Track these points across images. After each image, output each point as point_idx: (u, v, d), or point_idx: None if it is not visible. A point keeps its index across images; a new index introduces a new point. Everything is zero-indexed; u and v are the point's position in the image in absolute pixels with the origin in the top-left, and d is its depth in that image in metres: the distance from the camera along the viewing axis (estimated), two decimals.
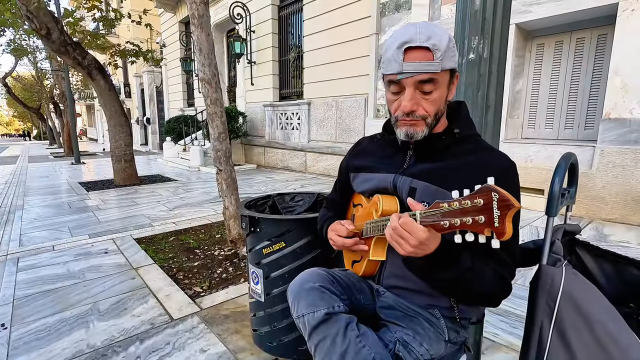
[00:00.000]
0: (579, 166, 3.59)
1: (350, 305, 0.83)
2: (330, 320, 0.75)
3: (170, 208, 4.38)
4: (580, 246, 1.04)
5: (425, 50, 0.73)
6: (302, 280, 0.82)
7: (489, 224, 0.55)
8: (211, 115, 2.70)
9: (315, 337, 0.75)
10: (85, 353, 1.57)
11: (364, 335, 0.74)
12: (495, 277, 0.75)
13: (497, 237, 0.56)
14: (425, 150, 0.83)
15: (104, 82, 5.78)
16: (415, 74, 0.74)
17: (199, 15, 2.45)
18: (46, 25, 4.97)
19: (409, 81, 0.75)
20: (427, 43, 0.72)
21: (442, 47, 0.73)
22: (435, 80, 0.75)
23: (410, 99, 0.76)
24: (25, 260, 2.70)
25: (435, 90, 0.76)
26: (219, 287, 2.24)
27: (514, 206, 0.54)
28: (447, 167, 0.80)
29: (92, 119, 29.66)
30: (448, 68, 0.75)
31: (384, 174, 0.87)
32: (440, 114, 0.80)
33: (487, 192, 0.56)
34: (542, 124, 4.29)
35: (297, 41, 7.49)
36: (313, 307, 0.76)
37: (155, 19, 13.60)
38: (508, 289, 0.77)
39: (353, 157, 1.00)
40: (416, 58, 0.73)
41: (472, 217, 0.57)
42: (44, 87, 16.10)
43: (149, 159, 11.06)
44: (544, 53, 4.17)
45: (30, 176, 7.58)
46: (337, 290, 0.82)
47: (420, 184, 0.80)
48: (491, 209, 0.55)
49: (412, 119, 0.78)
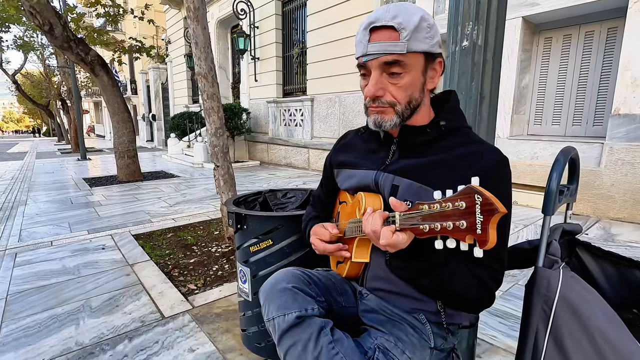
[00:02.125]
0: (587, 163, 3.49)
1: (327, 308, 0.79)
2: (302, 324, 0.70)
3: (170, 204, 4.36)
4: (581, 247, 0.97)
5: (390, 30, 0.67)
6: (274, 281, 0.77)
7: (470, 230, 0.49)
8: (208, 111, 2.66)
9: (285, 341, 0.70)
10: (72, 351, 1.54)
11: (339, 341, 0.69)
12: (473, 279, 0.69)
13: (479, 246, 0.50)
14: (409, 145, 0.77)
15: (107, 78, 5.78)
16: (379, 55, 0.68)
17: (194, 7, 2.40)
18: (49, 20, 4.97)
19: (373, 63, 0.70)
20: (392, 22, 0.67)
21: (410, 26, 0.67)
22: (403, 63, 0.69)
23: (375, 83, 0.71)
24: (23, 255, 2.69)
25: (404, 74, 0.70)
26: (213, 284, 2.20)
27: (498, 211, 0.47)
28: (432, 162, 0.74)
29: (100, 115, 29.93)
30: (418, 50, 0.69)
31: (365, 171, 0.82)
32: (416, 103, 0.74)
33: (470, 194, 0.50)
34: (549, 120, 4.17)
35: (300, 37, 7.42)
36: (284, 309, 0.71)
37: (161, 15, 13.64)
38: (490, 295, 0.70)
39: (337, 152, 0.95)
40: (381, 38, 0.68)
41: (453, 221, 0.51)
42: (52, 84, 16.24)
43: (154, 155, 11.11)
44: (552, 47, 4.05)
45: (36, 172, 7.64)
46: (313, 292, 0.77)
47: (403, 181, 0.74)
48: (474, 213, 0.49)
49: (378, 106, 0.73)
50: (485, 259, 0.68)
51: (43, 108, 19.31)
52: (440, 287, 0.69)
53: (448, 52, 0.98)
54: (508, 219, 0.71)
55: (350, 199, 0.89)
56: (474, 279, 0.68)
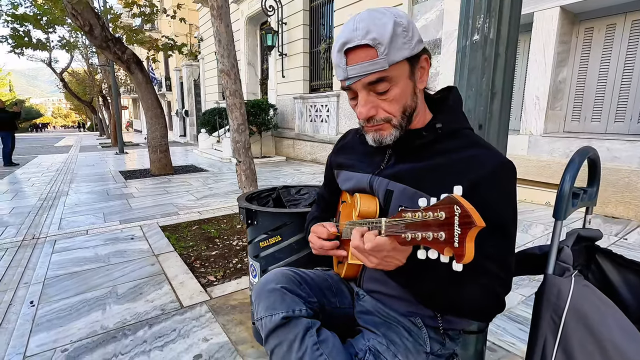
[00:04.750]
0: (630, 162, 3.24)
1: (320, 308, 0.78)
2: (288, 325, 0.70)
3: (197, 197, 4.51)
4: (601, 254, 0.91)
5: (366, 48, 0.63)
6: (265, 281, 0.78)
7: (448, 243, 0.46)
8: (230, 107, 2.72)
9: (271, 341, 0.70)
10: (97, 334, 1.64)
11: (324, 342, 0.68)
12: (483, 291, 0.65)
13: (456, 260, 0.47)
14: (405, 149, 0.75)
15: (141, 75, 6.04)
16: (360, 77, 0.65)
17: (217, 6, 2.45)
18: (89, 22, 5.26)
19: (358, 85, 0.67)
20: (365, 40, 0.63)
21: (385, 39, 0.62)
22: (388, 78, 0.65)
23: (365, 104, 0.68)
24: (61, 242, 2.89)
25: (391, 87, 0.67)
26: (232, 277, 2.26)
27: (475, 224, 0.44)
28: (427, 167, 0.70)
29: (138, 111, 31.37)
30: (400, 59, 0.65)
31: (361, 174, 0.80)
32: (411, 110, 0.70)
33: (450, 204, 0.47)
34: (589, 116, 3.91)
35: (327, 32, 7.39)
36: (272, 309, 0.72)
37: (194, 14, 14.05)
38: (500, 303, 0.67)
39: (336, 153, 0.94)
40: (358, 59, 0.64)
41: (433, 232, 0.48)
42: (94, 82, 17.21)
43: (186, 150, 11.52)
44: (593, 38, 3.78)
45: (78, 165, 8.16)
46: (304, 292, 0.77)
47: (398, 186, 0.72)
48: (452, 224, 0.46)
49: (374, 125, 0.70)
50: (492, 266, 0.65)
51: (87, 104, 20.51)
52: (447, 305, 0.66)
53: (458, 47, 0.94)
54: (511, 226, 0.67)
55: (349, 200, 0.88)
56: (481, 290, 0.65)
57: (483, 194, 0.64)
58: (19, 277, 2.25)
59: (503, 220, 0.66)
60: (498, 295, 0.66)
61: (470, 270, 0.65)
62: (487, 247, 0.65)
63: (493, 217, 0.64)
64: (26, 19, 7.40)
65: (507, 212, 0.67)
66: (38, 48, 8.26)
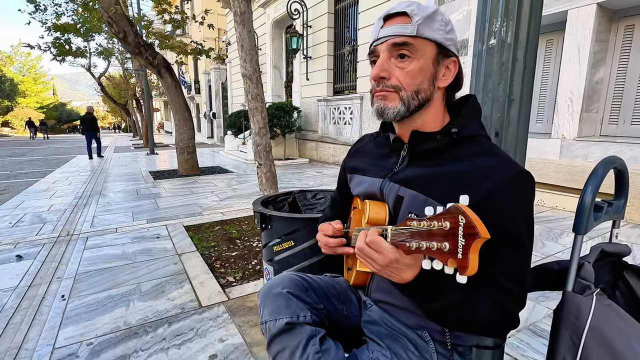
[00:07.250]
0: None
1: (326, 315, 0.78)
2: (292, 331, 0.70)
3: (221, 198, 4.62)
4: (630, 271, 0.85)
5: (402, 16, 0.68)
6: (271, 285, 0.78)
7: (452, 254, 0.45)
8: (252, 111, 2.77)
9: (274, 346, 0.70)
10: (120, 330, 1.71)
11: (326, 352, 0.68)
12: (495, 306, 0.62)
13: (460, 272, 0.45)
14: (419, 152, 0.73)
15: (171, 79, 6.28)
16: (388, 38, 0.69)
17: (240, 12, 2.50)
18: (123, 29, 5.53)
19: (382, 46, 0.70)
20: (405, 8, 0.68)
21: (423, 13, 0.67)
22: (412, 46, 0.67)
23: (381, 64, 0.70)
24: (93, 240, 3.04)
25: (413, 59, 0.68)
26: (250, 278, 2.30)
27: (479, 236, 0.43)
28: (439, 174, 0.69)
29: (169, 113, 32.54)
30: (429, 37, 0.67)
31: (372, 179, 0.79)
32: (424, 96, 0.70)
33: (455, 214, 0.46)
34: (628, 119, 3.67)
35: (352, 34, 7.37)
36: (276, 314, 0.72)
37: (222, 18, 14.43)
38: (514, 319, 0.64)
39: (350, 157, 0.93)
40: (393, 23, 0.69)
41: (438, 242, 0.47)
42: (129, 85, 18.05)
43: (214, 151, 11.83)
44: (634, 36, 3.55)
45: (112, 165, 8.56)
46: (310, 298, 0.76)
47: (408, 192, 0.70)
48: (457, 235, 0.45)
49: (382, 89, 0.70)
50: (505, 281, 0.62)
51: (122, 107, 21.53)
52: (457, 320, 0.64)
53: (474, 52, 0.91)
54: (526, 239, 0.64)
55: (360, 206, 0.87)
56: (493, 305, 0.62)
57: (496, 205, 0.62)
58: (53, 272, 2.39)
59: (518, 232, 0.63)
60: (511, 311, 0.63)
61: (482, 284, 0.62)
62: (501, 260, 0.62)
63: (507, 229, 0.62)
64: (68, 29, 7.88)
65: (521, 225, 0.64)
66: (78, 56, 8.77)
